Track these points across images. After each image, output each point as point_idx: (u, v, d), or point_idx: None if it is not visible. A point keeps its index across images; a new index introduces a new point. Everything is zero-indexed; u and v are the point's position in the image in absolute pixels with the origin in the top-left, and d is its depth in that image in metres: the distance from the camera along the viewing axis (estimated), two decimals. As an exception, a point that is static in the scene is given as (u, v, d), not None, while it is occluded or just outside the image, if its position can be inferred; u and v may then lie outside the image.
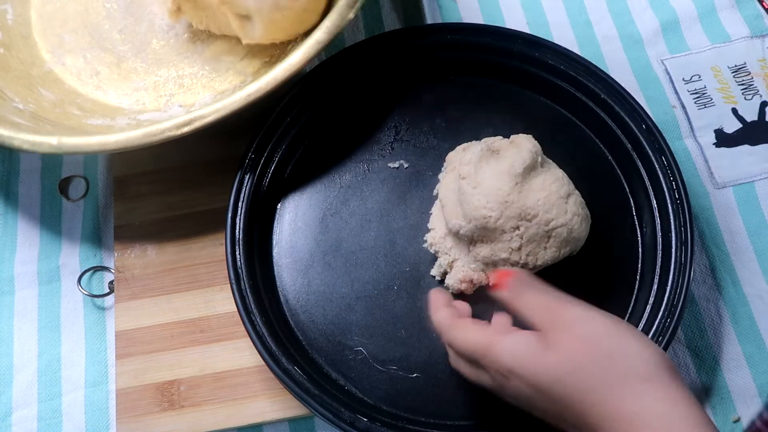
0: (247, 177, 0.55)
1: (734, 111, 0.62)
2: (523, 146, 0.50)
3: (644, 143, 0.55)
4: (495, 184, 0.48)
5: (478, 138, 0.54)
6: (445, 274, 0.53)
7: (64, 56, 0.66)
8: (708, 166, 0.61)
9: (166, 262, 0.58)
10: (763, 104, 0.62)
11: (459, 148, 0.55)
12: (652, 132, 0.55)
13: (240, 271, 0.52)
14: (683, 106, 0.63)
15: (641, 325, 0.50)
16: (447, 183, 0.53)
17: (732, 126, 0.62)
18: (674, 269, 0.51)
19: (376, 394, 0.51)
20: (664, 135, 0.54)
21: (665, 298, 0.50)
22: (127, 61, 0.65)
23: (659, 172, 0.54)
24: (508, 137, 0.52)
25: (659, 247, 0.53)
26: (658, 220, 0.54)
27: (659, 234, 0.53)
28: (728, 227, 0.58)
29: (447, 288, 0.52)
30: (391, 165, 0.58)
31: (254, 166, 0.56)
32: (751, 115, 0.62)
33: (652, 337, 0.49)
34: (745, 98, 0.63)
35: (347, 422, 0.47)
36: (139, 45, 0.66)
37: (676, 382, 0.38)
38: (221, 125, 0.53)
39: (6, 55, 0.64)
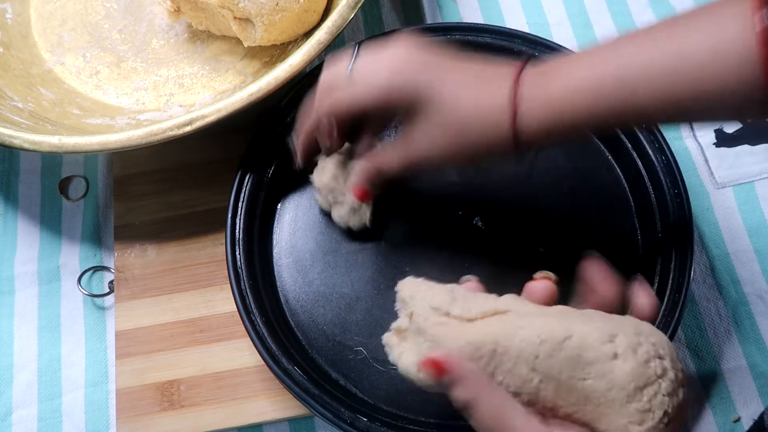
0: (247, 177, 0.55)
1: (734, 111, 0.62)
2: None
3: (644, 143, 0.55)
4: None
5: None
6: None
7: (63, 55, 0.66)
8: (708, 166, 0.61)
9: (166, 262, 0.58)
10: (763, 104, 0.62)
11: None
12: (653, 132, 0.55)
13: (240, 271, 0.52)
14: (683, 106, 0.63)
15: (641, 325, 0.50)
16: None
17: (732, 126, 0.62)
18: (674, 269, 0.51)
19: (376, 394, 0.51)
20: (664, 135, 0.54)
21: (665, 298, 0.50)
22: (127, 60, 0.65)
23: (659, 172, 0.54)
24: None
25: (660, 248, 0.53)
26: (658, 220, 0.54)
27: (659, 234, 0.53)
28: (728, 227, 0.59)
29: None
30: (391, 165, 0.58)
31: (254, 166, 0.56)
32: (751, 115, 0.62)
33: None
34: (745, 98, 0.63)
35: (347, 422, 0.47)
36: (138, 44, 0.66)
37: None
38: (222, 125, 0.53)
39: (5, 54, 0.64)
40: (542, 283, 0.39)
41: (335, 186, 0.53)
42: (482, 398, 0.35)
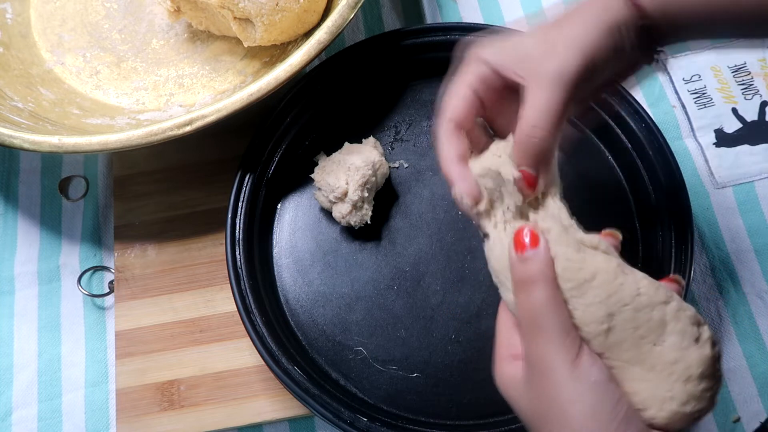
0: (247, 177, 0.55)
1: (734, 111, 0.62)
2: None
3: (644, 143, 0.55)
4: None
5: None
6: None
7: (63, 55, 0.66)
8: (708, 166, 0.61)
9: (166, 262, 0.58)
10: (763, 104, 0.62)
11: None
12: (652, 132, 0.55)
13: (240, 271, 0.52)
14: (683, 106, 0.63)
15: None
16: None
17: (732, 126, 0.62)
18: (674, 269, 0.51)
19: (376, 394, 0.51)
20: (664, 135, 0.54)
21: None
22: (127, 60, 0.65)
23: (659, 172, 0.54)
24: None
25: (659, 247, 0.53)
26: (658, 220, 0.54)
27: (659, 234, 0.53)
28: (728, 227, 0.58)
29: None
30: (391, 165, 0.58)
31: (254, 166, 0.56)
32: (751, 115, 0.62)
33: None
34: (745, 98, 0.63)
35: (347, 422, 0.47)
36: (138, 44, 0.66)
37: None
38: (222, 125, 0.53)
39: (5, 54, 0.64)
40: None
41: (336, 184, 0.53)
42: (544, 287, 0.35)
